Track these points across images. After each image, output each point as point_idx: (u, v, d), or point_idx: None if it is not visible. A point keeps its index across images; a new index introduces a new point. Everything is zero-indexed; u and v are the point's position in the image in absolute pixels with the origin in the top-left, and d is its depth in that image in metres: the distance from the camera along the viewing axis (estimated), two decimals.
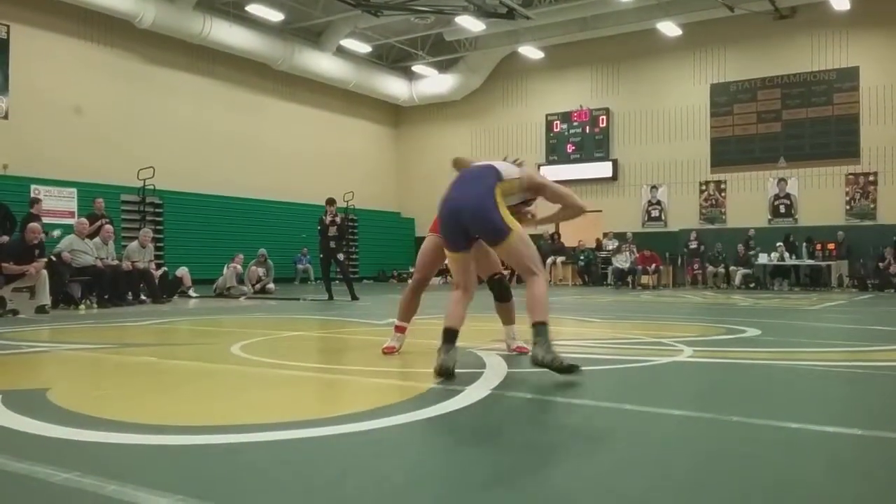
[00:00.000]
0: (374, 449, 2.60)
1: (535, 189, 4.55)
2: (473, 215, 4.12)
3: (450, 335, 4.11)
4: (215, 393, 3.89)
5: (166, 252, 16.49)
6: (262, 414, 3.24)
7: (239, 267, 14.42)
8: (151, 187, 16.99)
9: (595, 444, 2.75)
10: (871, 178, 18.66)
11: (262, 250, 15.39)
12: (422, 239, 5.42)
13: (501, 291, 4.99)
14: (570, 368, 3.91)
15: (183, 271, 13.38)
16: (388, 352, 5.06)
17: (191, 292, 13.49)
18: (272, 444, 2.62)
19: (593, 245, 21.21)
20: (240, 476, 2.28)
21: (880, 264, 16.89)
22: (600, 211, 21.99)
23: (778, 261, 17.96)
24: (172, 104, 18.55)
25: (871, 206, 18.65)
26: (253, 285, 14.67)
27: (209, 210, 18.68)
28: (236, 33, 18.87)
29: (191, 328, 7.88)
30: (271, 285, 15.11)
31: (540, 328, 3.94)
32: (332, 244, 12.40)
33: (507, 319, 5.04)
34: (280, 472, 2.30)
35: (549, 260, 20.92)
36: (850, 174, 18.87)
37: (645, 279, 18.98)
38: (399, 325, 5.17)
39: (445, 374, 3.93)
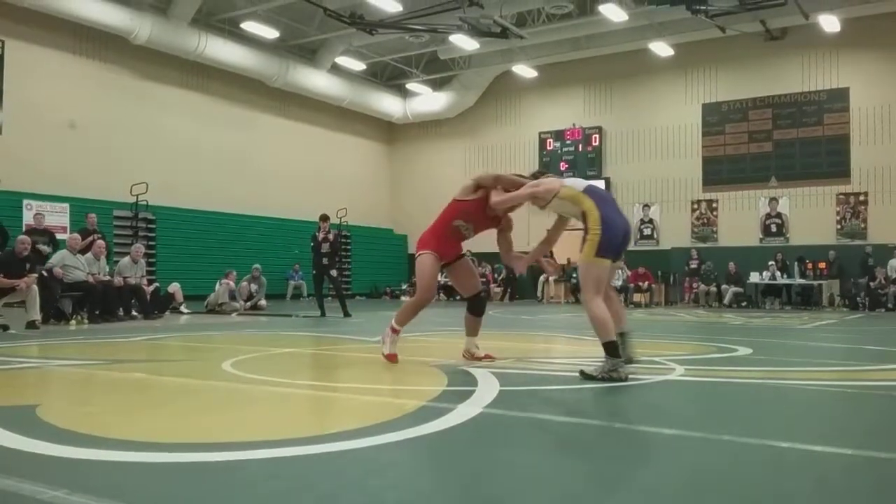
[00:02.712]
0: (366, 467, 2.59)
1: None
2: (630, 236, 4.97)
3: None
4: (206, 410, 3.88)
5: (158, 268, 16.45)
6: (254, 431, 3.23)
7: (231, 283, 14.38)
8: (144, 203, 16.96)
9: (584, 462, 2.75)
10: (862, 198, 18.77)
11: (257, 266, 15.37)
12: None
13: (482, 307, 5.67)
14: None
15: (175, 287, 13.34)
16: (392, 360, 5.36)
17: (182, 308, 13.44)
18: (264, 461, 2.61)
19: None
20: (231, 494, 2.27)
21: (871, 283, 16.96)
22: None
23: (769, 280, 18.04)
24: (166, 120, 18.57)
25: (862, 225, 18.76)
26: (245, 301, 14.62)
27: (202, 226, 18.64)
28: (231, 50, 18.93)
29: (182, 344, 7.85)
30: (263, 301, 15.07)
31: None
32: (325, 260, 12.39)
33: (475, 331, 5.67)
34: (272, 490, 2.29)
35: (542, 278, 20.96)
36: (841, 194, 18.99)
37: (637, 297, 19.00)
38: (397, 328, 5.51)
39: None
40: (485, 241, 5.55)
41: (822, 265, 18.27)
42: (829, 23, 17.67)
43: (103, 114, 17.26)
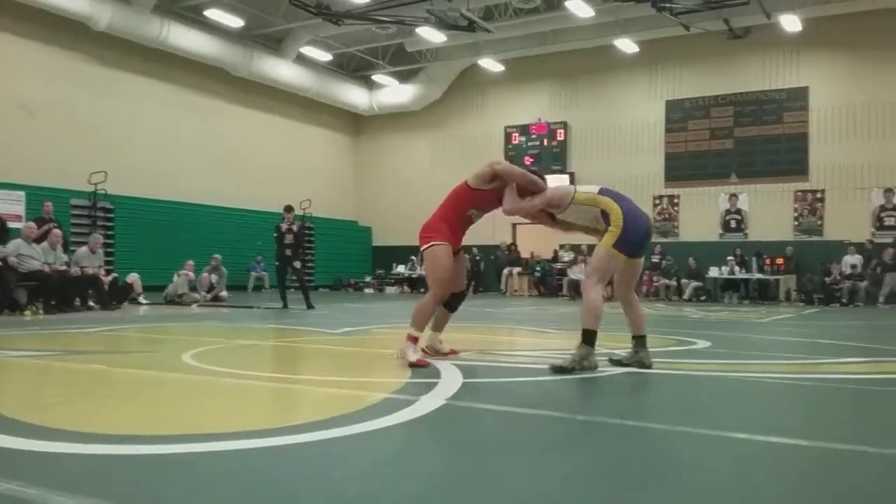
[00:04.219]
0: (328, 459, 2.58)
1: None
2: (651, 234, 5.02)
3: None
4: (166, 402, 3.82)
5: (117, 258, 16.12)
6: (215, 423, 3.19)
7: (190, 274, 14.18)
8: (103, 192, 16.61)
9: (545, 454, 2.77)
10: (819, 195, 19.18)
11: (216, 256, 15.18)
12: (381, 248, 5.45)
13: (459, 303, 5.54)
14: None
15: (133, 277, 13.13)
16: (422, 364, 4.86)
17: (141, 299, 13.24)
18: (224, 453, 2.58)
19: (549, 256, 21.40)
20: (191, 486, 2.25)
21: (826, 279, 17.36)
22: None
23: (728, 274, 18.36)
24: (127, 108, 18.21)
25: (819, 222, 19.17)
26: (206, 293, 14.45)
27: (162, 216, 18.34)
28: (194, 38, 18.62)
29: (141, 336, 7.73)
30: (224, 293, 14.90)
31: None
32: (289, 252, 12.29)
33: (442, 328, 5.48)
34: (233, 483, 2.27)
35: (506, 271, 21.05)
36: (799, 191, 19.38)
37: None
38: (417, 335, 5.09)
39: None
40: None
41: (780, 261, 18.64)
42: (791, 22, 17.99)
43: (61, 100, 16.86)
